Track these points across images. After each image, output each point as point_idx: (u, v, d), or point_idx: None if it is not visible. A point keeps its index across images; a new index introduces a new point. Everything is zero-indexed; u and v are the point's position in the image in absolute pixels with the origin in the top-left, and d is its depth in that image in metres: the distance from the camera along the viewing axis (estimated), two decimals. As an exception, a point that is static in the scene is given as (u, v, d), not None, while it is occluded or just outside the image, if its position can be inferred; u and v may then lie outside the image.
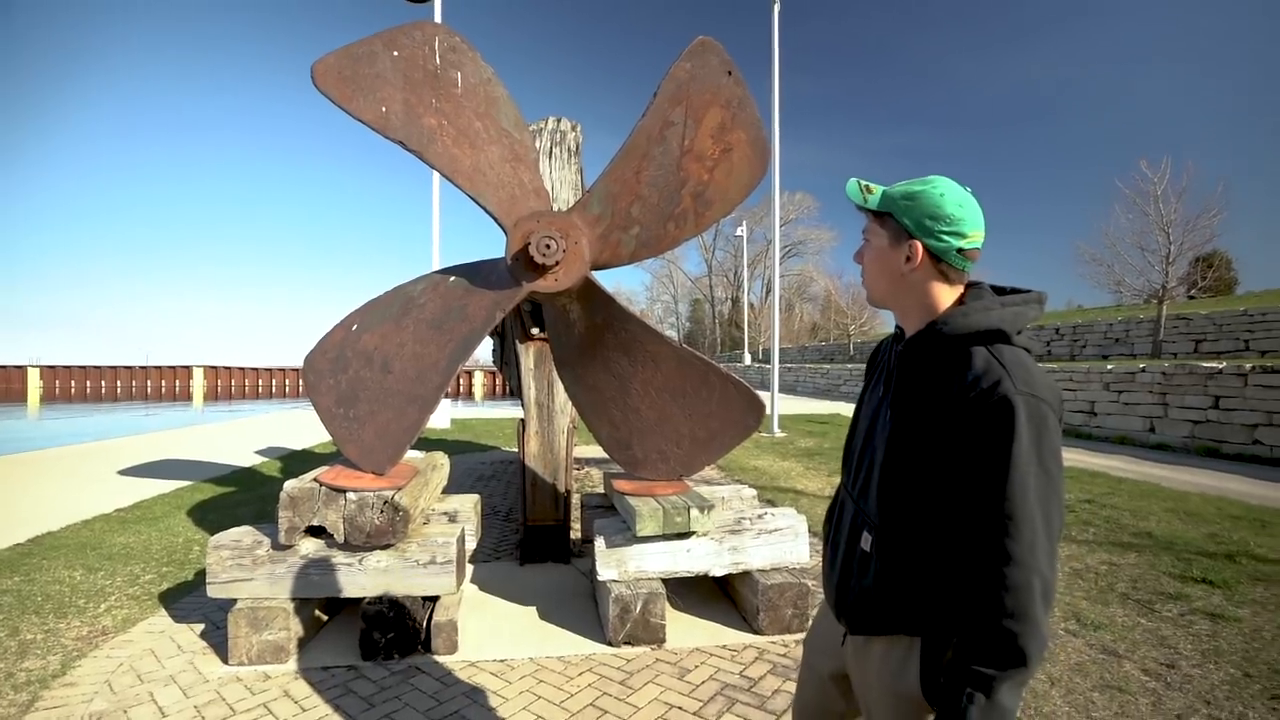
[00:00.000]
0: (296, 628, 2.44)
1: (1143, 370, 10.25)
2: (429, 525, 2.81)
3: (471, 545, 3.16)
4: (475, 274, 2.79)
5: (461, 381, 37.57)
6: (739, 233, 31.58)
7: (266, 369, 44.14)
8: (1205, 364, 9.43)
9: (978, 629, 0.88)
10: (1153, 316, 17.53)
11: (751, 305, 44.96)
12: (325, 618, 2.76)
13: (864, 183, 1.08)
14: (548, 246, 2.60)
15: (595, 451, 7.84)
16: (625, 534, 2.88)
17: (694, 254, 58.16)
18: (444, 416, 12.73)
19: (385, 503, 2.42)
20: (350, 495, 2.43)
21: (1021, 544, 0.87)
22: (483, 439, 10.45)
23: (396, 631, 2.42)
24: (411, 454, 3.33)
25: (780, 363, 29.83)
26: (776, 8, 10.64)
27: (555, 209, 3.40)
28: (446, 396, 21.86)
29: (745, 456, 8.36)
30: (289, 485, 2.46)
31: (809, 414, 15.12)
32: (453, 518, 3.04)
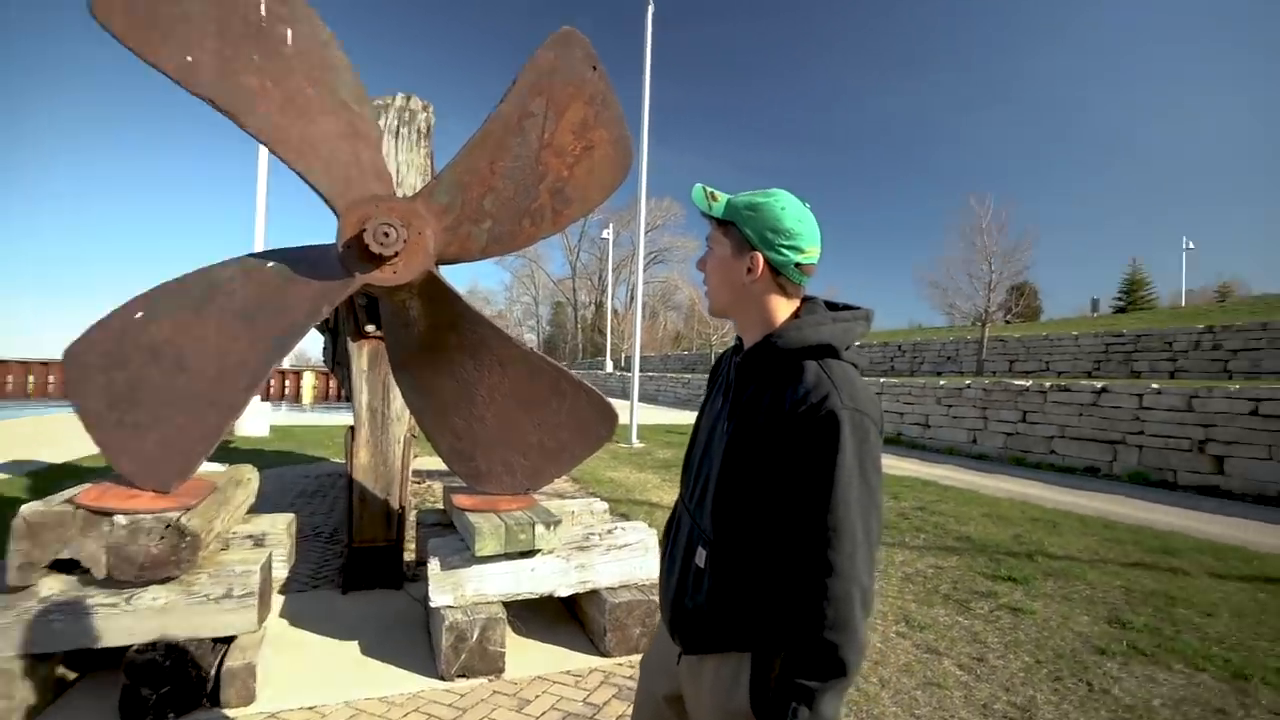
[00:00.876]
0: (25, 693, 2.03)
1: (968, 386, 11.72)
2: (227, 551, 2.51)
3: (282, 573, 2.87)
4: (300, 261, 2.56)
5: (289, 382, 34.33)
6: (605, 235, 31.94)
7: (32, 362, 37.44)
8: (1016, 382, 10.99)
9: (801, 642, 0.93)
10: (978, 338, 20.19)
11: (615, 311, 45.61)
12: (73, 676, 2.35)
13: (709, 189, 1.12)
14: (386, 235, 2.45)
15: (440, 464, 7.49)
16: (464, 554, 2.76)
17: (558, 254, 58.01)
18: (262, 422, 11.56)
19: (167, 527, 2.11)
20: (119, 519, 2.08)
21: (842, 554, 0.92)
22: (309, 449, 9.61)
23: (174, 684, 2.10)
24: (209, 467, 2.96)
25: (642, 371, 30.53)
26: (650, 8, 10.93)
27: (399, 195, 3.29)
28: (268, 400, 19.89)
29: (602, 468, 8.41)
30: (27, 510, 2.06)
31: (669, 424, 15.57)
32: (259, 541, 2.74)
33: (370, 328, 3.56)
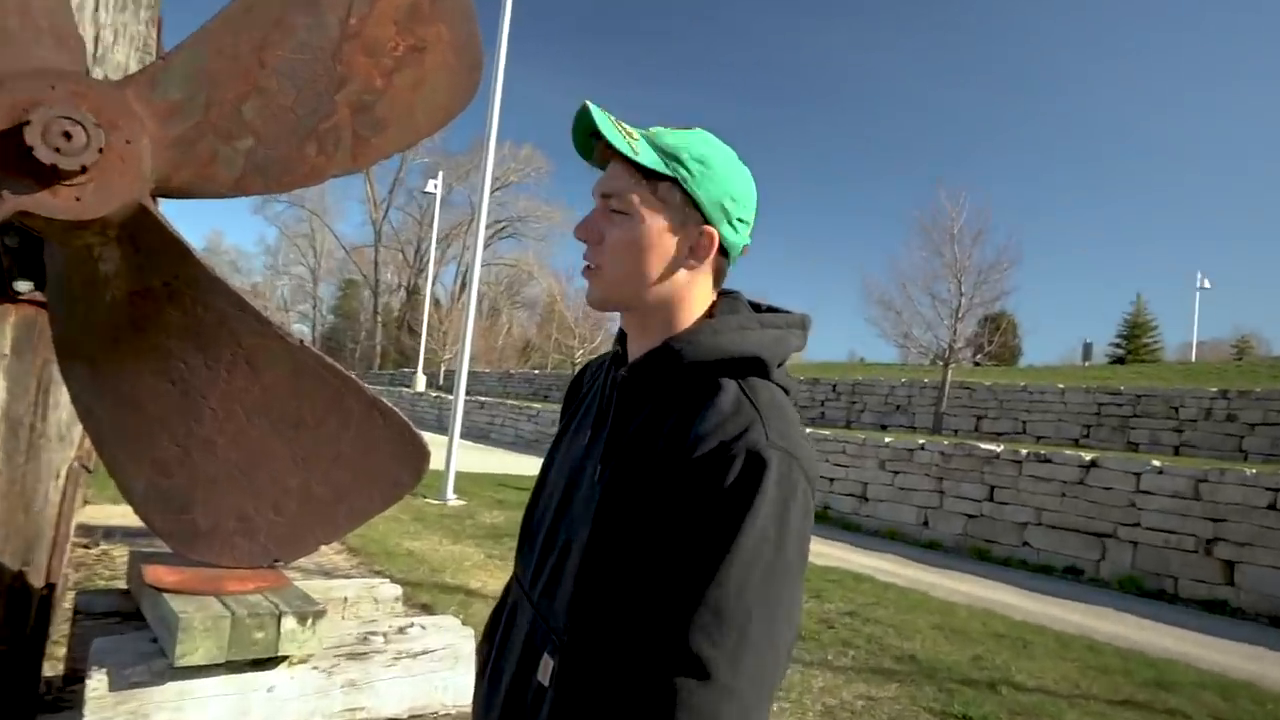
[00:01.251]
0: None
1: (921, 447, 12.56)
2: None
3: None
4: None
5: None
6: (431, 188, 31.29)
7: None
8: (984, 445, 11.94)
9: None
10: (937, 382, 21.68)
11: (437, 302, 44.84)
12: None
13: (619, 121, 1.13)
14: (66, 136, 2.24)
15: (129, 515, 6.95)
16: (155, 662, 2.57)
17: (356, 209, 56.55)
18: None
19: None
20: None
21: (722, 652, 0.91)
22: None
23: None
24: None
25: (471, 395, 30.11)
26: None
27: (96, 75, 3.03)
28: None
29: (397, 534, 8.24)
30: None
31: (505, 474, 15.49)
32: None
33: (23, 285, 3.22)
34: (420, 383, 33.67)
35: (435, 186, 30.91)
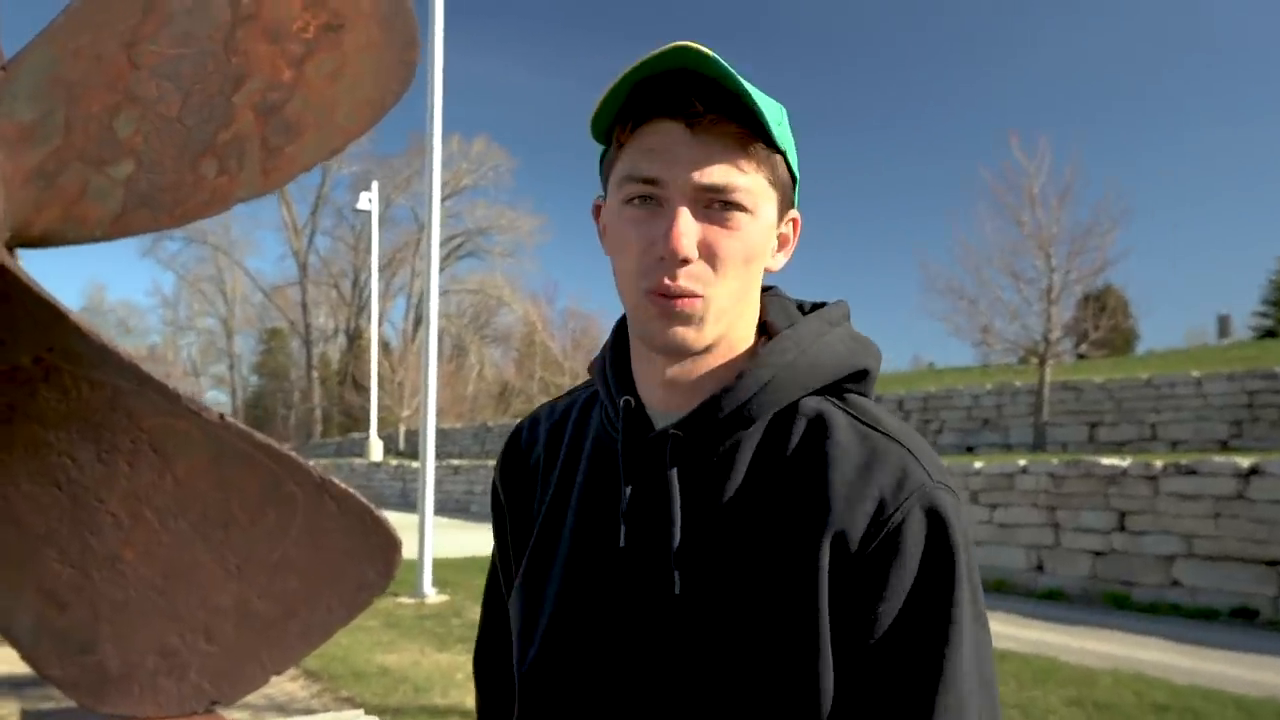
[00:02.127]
0: None
1: (1024, 470, 12.48)
2: None
3: None
4: None
5: None
6: (364, 204, 31.37)
7: None
8: (1105, 460, 11.78)
9: None
10: (1032, 385, 21.53)
11: (387, 346, 44.95)
12: None
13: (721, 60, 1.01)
14: None
15: (15, 660, 6.92)
16: None
17: (272, 240, 56.80)
18: None
19: None
20: None
21: None
22: None
23: None
24: None
25: (441, 459, 30.07)
26: None
27: None
28: None
29: (366, 646, 8.24)
30: None
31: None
32: None
33: None
34: (376, 450, 33.67)
35: (370, 201, 30.96)
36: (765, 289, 1.19)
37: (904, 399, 24.83)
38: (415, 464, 27.90)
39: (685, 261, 1.00)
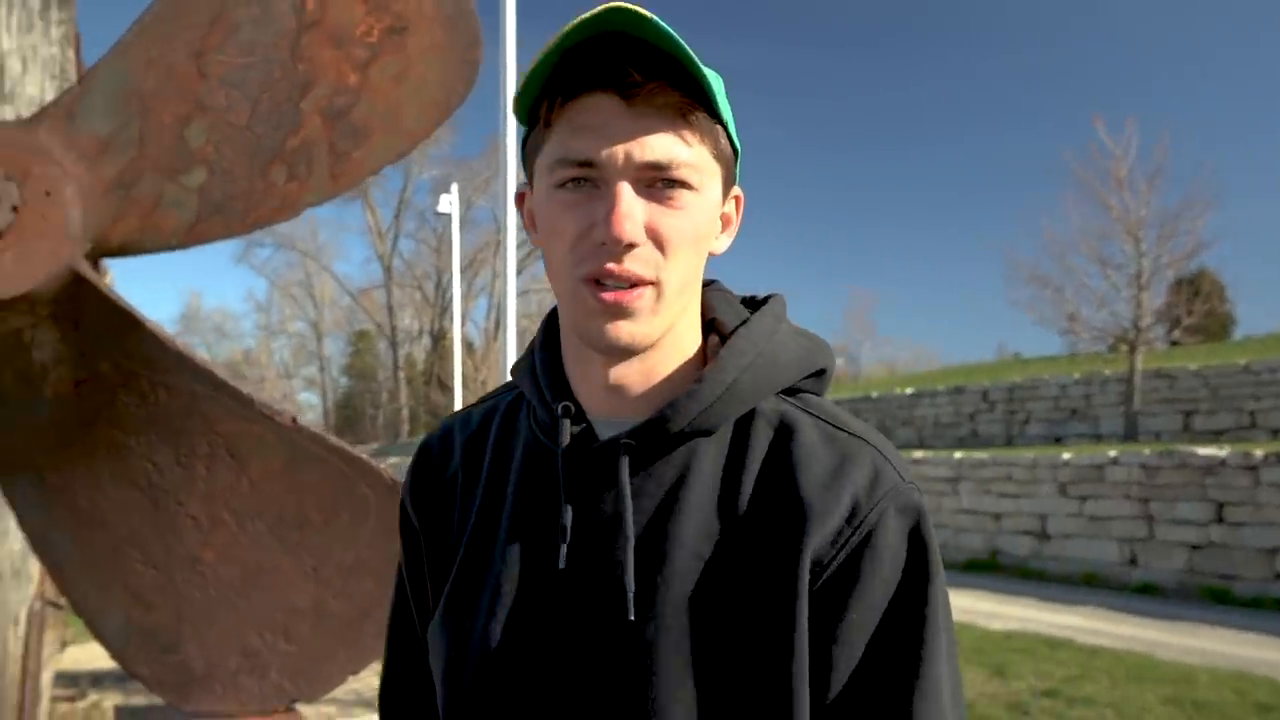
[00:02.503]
0: None
1: (1115, 461, 11.94)
2: None
3: None
4: None
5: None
6: (444, 207, 31.53)
7: None
8: (1201, 450, 11.16)
9: None
10: (1122, 373, 20.63)
11: (470, 346, 45.19)
12: None
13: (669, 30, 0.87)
14: None
15: (106, 659, 7.09)
16: None
17: (358, 244, 57.65)
18: None
19: None
20: None
21: None
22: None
23: None
24: None
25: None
26: None
27: (5, 115, 3.11)
28: None
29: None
30: None
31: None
32: None
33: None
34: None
35: (450, 204, 31.10)
36: (706, 283, 1.03)
37: (988, 390, 23.90)
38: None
39: (631, 247, 0.85)
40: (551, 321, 1.05)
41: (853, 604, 0.86)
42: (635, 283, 0.86)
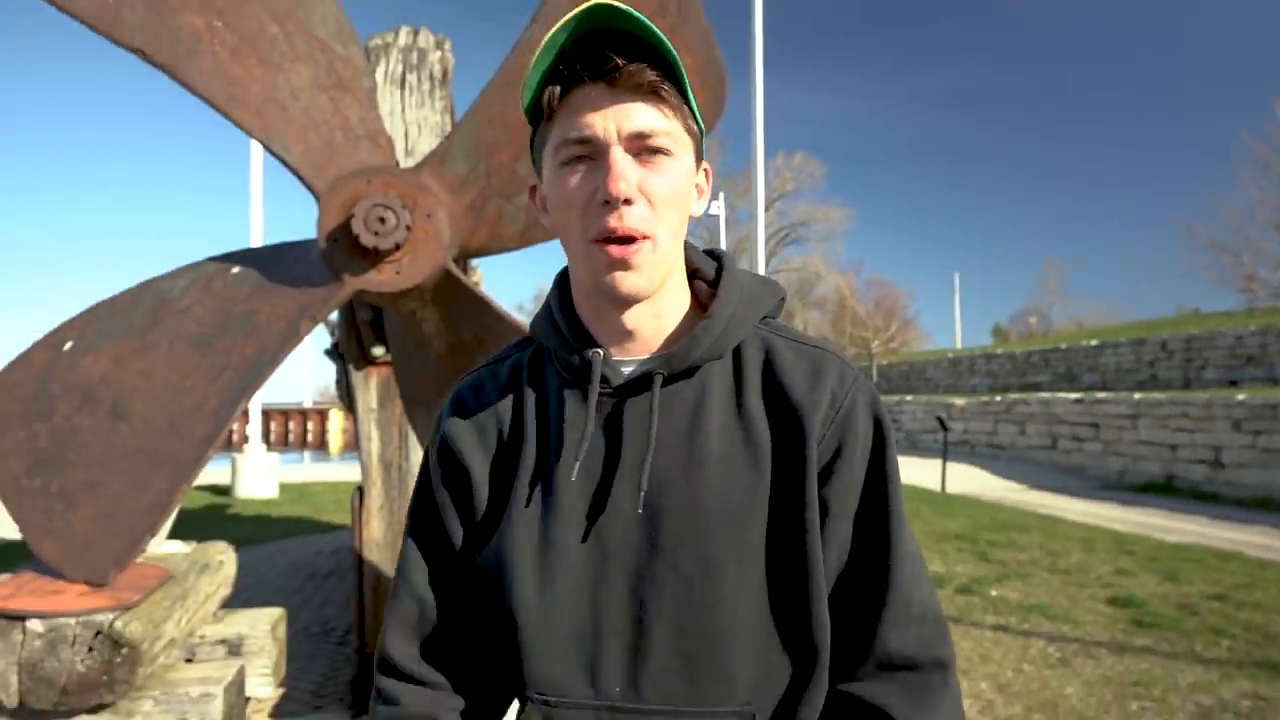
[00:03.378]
0: None
1: (1288, 402, 10.56)
2: (189, 665, 2.60)
3: (269, 691, 2.95)
4: (272, 264, 2.68)
5: (311, 426, 36.42)
6: (714, 210, 31.79)
7: None
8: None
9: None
10: (1299, 323, 18.26)
11: (737, 311, 45.80)
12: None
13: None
14: (381, 220, 2.49)
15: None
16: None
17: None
18: (268, 480, 12.33)
19: (98, 634, 2.20)
20: (33, 625, 2.19)
21: (940, 626, 0.96)
22: (328, 514, 10.13)
23: None
24: (166, 547, 3.11)
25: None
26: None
27: (407, 164, 3.35)
28: (280, 448, 21.20)
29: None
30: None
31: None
32: (234, 648, 2.83)
33: (378, 350, 3.65)
34: None
35: (718, 208, 31.46)
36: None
37: (1166, 340, 21.61)
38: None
39: (628, 202, 0.84)
40: (563, 283, 1.01)
41: (840, 467, 0.91)
42: (634, 237, 0.84)
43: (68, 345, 2.45)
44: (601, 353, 0.92)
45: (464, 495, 0.98)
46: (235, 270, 2.63)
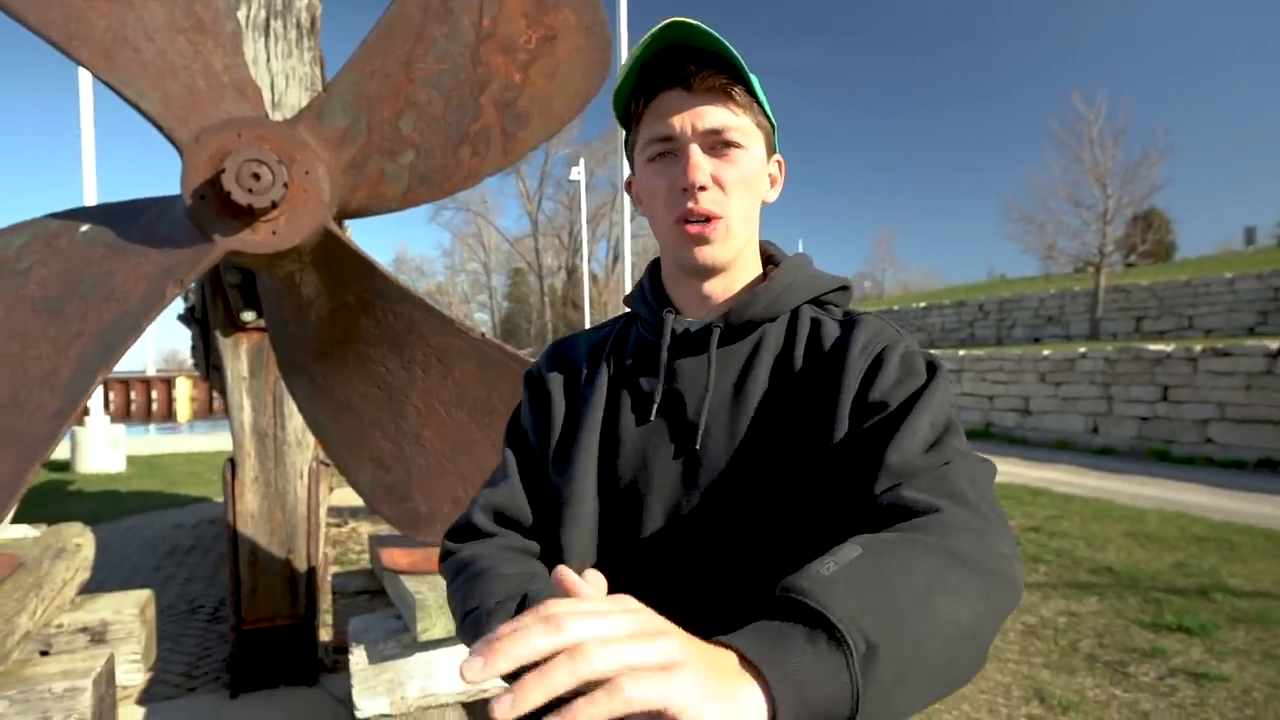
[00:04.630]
0: None
1: (1083, 356, 11.58)
2: (48, 658, 2.32)
3: (137, 678, 2.69)
4: (129, 222, 2.39)
5: (157, 394, 33.98)
6: (574, 176, 31.53)
7: None
8: (1152, 346, 10.82)
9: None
10: (1089, 289, 20.07)
11: (594, 278, 45.49)
12: None
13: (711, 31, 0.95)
14: (255, 177, 2.27)
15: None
16: (401, 637, 2.61)
17: (514, 205, 57.97)
18: (114, 454, 11.39)
19: (-58, 631, 1.91)
20: None
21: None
22: (184, 487, 9.46)
23: None
24: (12, 532, 2.77)
25: (639, 356, 30.27)
26: None
27: (273, 117, 3.10)
28: (125, 420, 19.64)
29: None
30: None
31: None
32: (98, 636, 2.56)
33: (249, 316, 3.38)
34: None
35: (578, 174, 31.13)
36: (767, 241, 1.11)
37: (984, 302, 23.38)
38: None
39: (703, 188, 0.95)
40: (654, 269, 1.13)
41: (868, 400, 0.90)
42: (709, 217, 0.96)
43: (-116, 312, 2.10)
44: (675, 313, 1.03)
45: (545, 418, 1.09)
46: (85, 228, 2.33)
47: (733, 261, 1.01)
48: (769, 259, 1.10)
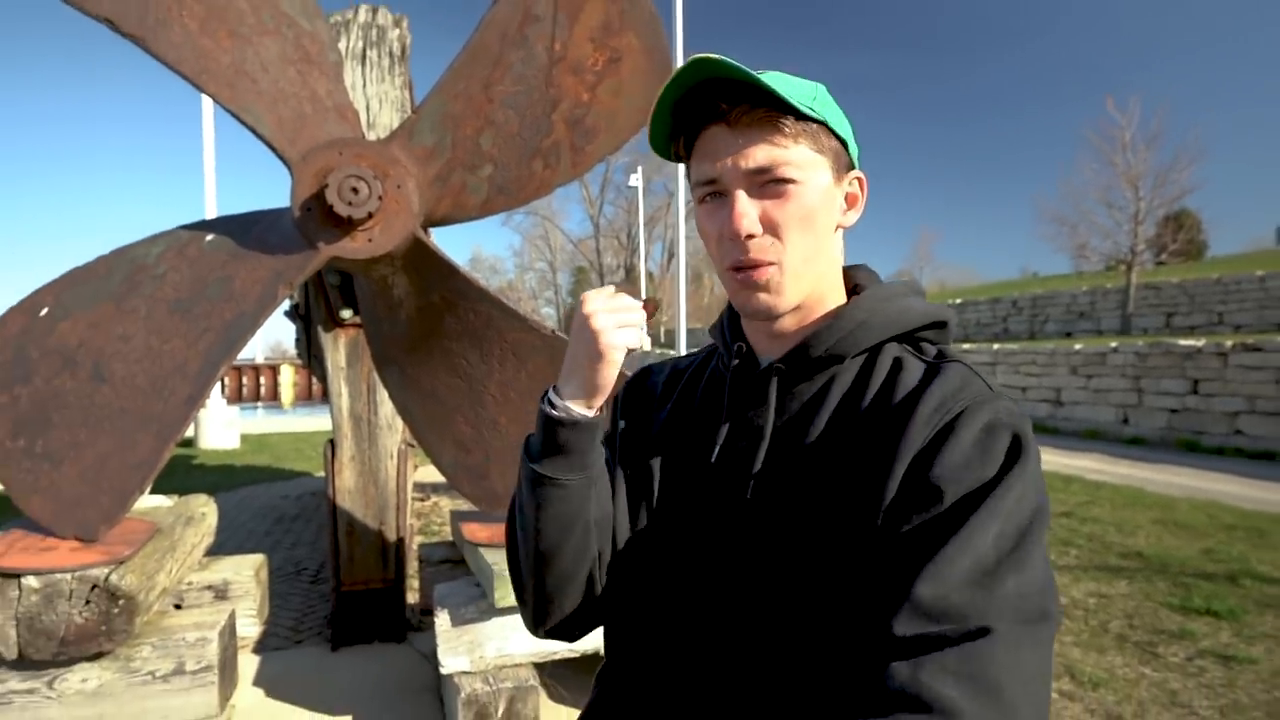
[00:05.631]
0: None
1: (1114, 350, 11.17)
2: (180, 612, 2.45)
3: (253, 631, 2.81)
4: (246, 232, 2.49)
5: (264, 380, 35.05)
6: (633, 182, 31.65)
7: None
8: (1182, 342, 10.39)
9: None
10: (1120, 286, 19.35)
11: (651, 276, 45.61)
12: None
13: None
14: (355, 190, 2.33)
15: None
16: (480, 603, 2.66)
17: (577, 209, 58.27)
18: (230, 432, 11.82)
19: (94, 588, 2.04)
20: (29, 581, 2.02)
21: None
22: (288, 461, 9.77)
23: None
24: (149, 501, 2.91)
25: (690, 347, 30.37)
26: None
27: (368, 137, 3.13)
28: (238, 403, 20.40)
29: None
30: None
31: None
32: (220, 593, 2.68)
33: (346, 313, 3.47)
34: (645, 343, 34.62)
35: (637, 181, 31.26)
36: (857, 266, 0.95)
37: (1017, 299, 22.73)
38: (672, 352, 28.31)
39: (750, 237, 0.81)
40: None
41: (930, 466, 0.73)
42: (760, 264, 0.82)
43: (44, 311, 2.23)
44: (745, 347, 0.91)
45: (613, 435, 1.02)
46: (210, 238, 2.43)
47: (801, 301, 0.87)
48: (855, 288, 0.93)
